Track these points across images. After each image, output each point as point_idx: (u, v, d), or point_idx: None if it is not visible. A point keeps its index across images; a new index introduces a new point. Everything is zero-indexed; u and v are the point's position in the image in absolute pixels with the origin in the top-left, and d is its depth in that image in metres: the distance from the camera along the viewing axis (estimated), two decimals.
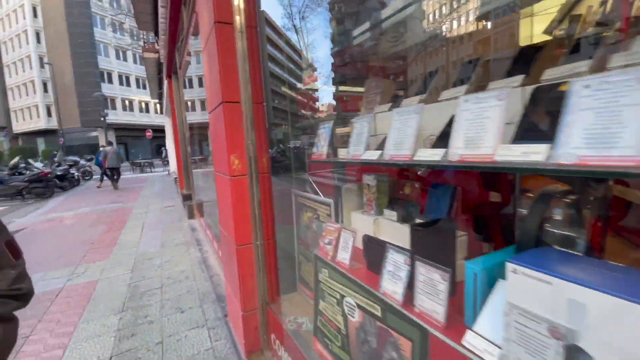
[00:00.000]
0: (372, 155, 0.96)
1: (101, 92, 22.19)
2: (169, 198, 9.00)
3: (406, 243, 1.07)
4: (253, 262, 1.80)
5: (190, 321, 2.54)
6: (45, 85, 34.28)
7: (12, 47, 35.77)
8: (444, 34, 1.68)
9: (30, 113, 35.63)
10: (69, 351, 2.25)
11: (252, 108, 1.67)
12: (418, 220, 1.08)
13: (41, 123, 34.87)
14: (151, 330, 2.46)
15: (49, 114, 34.65)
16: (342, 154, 1.19)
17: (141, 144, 37.35)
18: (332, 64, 2.79)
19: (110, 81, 35.63)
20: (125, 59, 37.24)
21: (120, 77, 36.76)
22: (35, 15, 34.33)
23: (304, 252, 1.83)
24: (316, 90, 3.52)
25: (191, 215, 5.97)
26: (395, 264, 0.93)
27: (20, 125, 36.66)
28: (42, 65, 33.63)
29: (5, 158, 31.91)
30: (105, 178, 12.41)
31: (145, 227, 5.73)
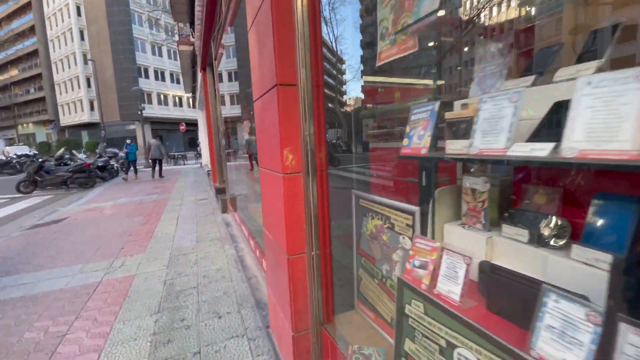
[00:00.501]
0: (536, 150, 0.63)
1: (139, 87, 23.04)
2: (202, 190, 9.05)
3: (550, 278, 0.74)
4: (306, 275, 1.53)
5: (229, 329, 2.34)
6: (88, 80, 36.33)
7: (59, 45, 38.17)
8: None
9: (75, 107, 37.97)
10: (104, 356, 2.12)
11: (311, 92, 1.38)
12: (572, 245, 0.74)
13: (85, 117, 37.07)
14: (188, 336, 2.28)
15: (92, 108, 36.72)
16: (455, 147, 0.86)
17: (175, 137, 38.70)
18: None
19: (146, 76, 37.07)
20: (160, 55, 38.55)
21: (156, 72, 38.15)
22: (79, 14, 36.33)
23: (366, 266, 1.53)
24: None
25: (225, 209, 5.88)
26: (566, 320, 0.61)
27: (66, 118, 39.21)
28: (85, 62, 35.63)
29: (54, 149, 34.37)
30: (125, 169, 13.15)
31: (180, 220, 5.70)
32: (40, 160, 10.72)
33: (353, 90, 3.43)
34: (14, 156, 19.13)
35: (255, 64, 1.70)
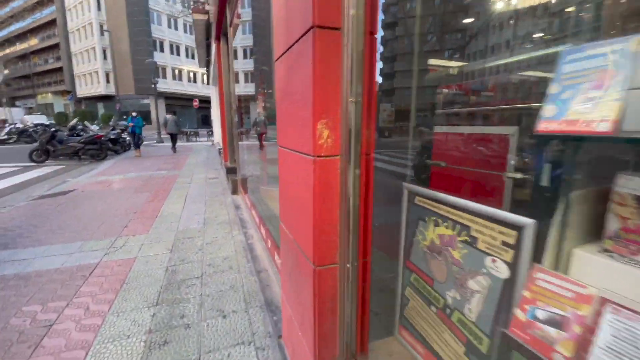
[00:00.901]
0: None
1: (153, 60, 22.65)
2: (213, 169, 8.77)
3: None
4: (337, 291, 1.16)
5: (235, 332, 2.03)
6: (104, 52, 36.11)
7: (76, 15, 37.86)
8: None
9: (92, 79, 38.03)
10: (91, 356, 1.84)
11: (362, 41, 0.96)
12: None
13: (100, 89, 37.13)
14: (187, 338, 1.98)
15: (108, 81, 36.70)
16: None
17: (188, 113, 38.56)
18: None
19: (162, 50, 36.61)
20: (176, 28, 37.88)
21: (171, 46, 37.62)
22: None
23: (417, 286, 1.15)
24: None
25: (235, 191, 5.56)
26: None
27: (83, 90, 39.39)
28: (102, 33, 35.29)
29: (70, 120, 34.76)
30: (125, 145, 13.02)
31: (188, 199, 5.43)
32: (52, 129, 10.59)
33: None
34: (31, 125, 19.26)
35: (280, 0, 1.27)
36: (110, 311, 2.27)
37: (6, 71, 29.83)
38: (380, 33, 1.91)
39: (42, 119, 25.93)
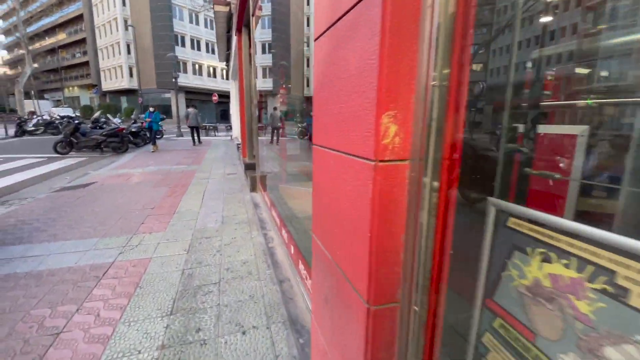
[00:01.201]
0: None
1: (174, 54, 22.85)
2: (231, 164, 8.65)
3: None
4: (395, 339, 0.89)
5: (255, 353, 1.80)
6: (128, 47, 36.92)
7: (102, 10, 38.83)
8: None
9: (116, 73, 39.02)
10: None
11: (456, 2, 0.68)
12: None
13: (124, 83, 38.05)
14: (203, 358, 1.76)
15: (131, 75, 37.56)
16: None
17: (208, 108, 39.02)
18: None
19: (183, 44, 37.07)
20: (197, 22, 38.24)
21: (192, 40, 38.03)
22: None
23: (504, 334, 0.86)
24: None
25: (254, 188, 5.36)
26: None
27: (107, 84, 40.51)
28: (126, 28, 36.04)
29: (95, 113, 35.85)
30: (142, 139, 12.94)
31: (206, 195, 5.27)
32: (76, 122, 10.77)
33: None
34: (57, 117, 19.86)
35: None
36: (122, 320, 2.08)
37: (35, 65, 30.97)
38: None
39: (68, 112, 26.81)
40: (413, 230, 0.81)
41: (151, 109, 11.73)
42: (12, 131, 17.60)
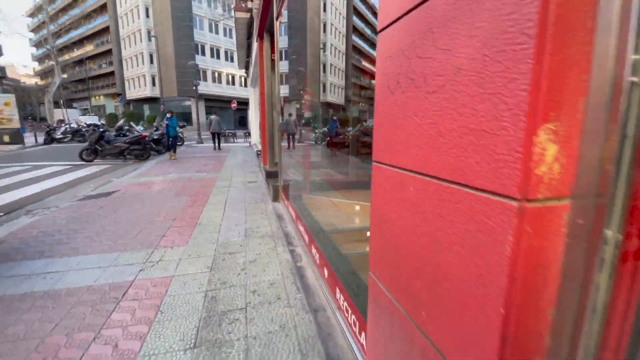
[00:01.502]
0: None
1: (194, 62, 23.33)
2: (251, 172, 8.51)
3: None
4: None
5: None
6: (151, 56, 38.15)
7: (127, 22, 40.38)
8: None
9: (139, 82, 40.35)
10: None
11: None
12: None
13: (147, 91, 39.26)
14: None
15: (153, 83, 38.72)
16: None
17: (227, 114, 39.63)
18: None
19: (203, 53, 37.93)
20: (217, 32, 39.10)
21: (211, 49, 38.88)
22: None
23: None
24: None
25: (276, 198, 5.15)
26: None
27: (131, 92, 41.93)
28: (149, 39, 37.30)
29: (119, 121, 37.12)
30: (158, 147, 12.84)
31: (227, 206, 5.10)
32: (101, 130, 10.98)
33: None
34: (84, 125, 20.55)
35: None
36: (141, 353, 1.87)
37: (64, 75, 32.44)
38: None
39: (94, 120, 27.82)
40: (575, 307, 0.52)
41: (168, 115, 11.00)
42: (41, 139, 18.33)
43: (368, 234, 1.10)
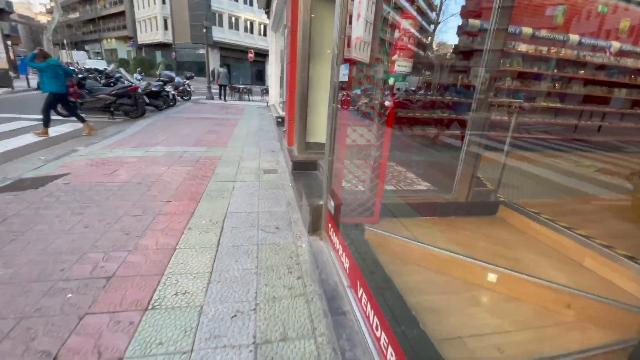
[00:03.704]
0: None
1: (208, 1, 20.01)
2: (269, 150, 6.12)
3: None
4: None
5: None
6: None
7: None
8: None
9: (151, 24, 36.87)
10: None
11: None
12: None
13: (159, 36, 35.93)
14: None
15: (166, 27, 35.25)
16: None
17: (243, 67, 36.32)
18: None
19: None
20: None
21: None
22: None
23: None
24: None
25: (316, 227, 2.79)
26: None
27: (143, 36, 38.65)
28: None
29: (131, 67, 34.36)
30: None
31: (223, 238, 2.83)
32: (80, 76, 8.61)
33: None
34: (83, 69, 18.15)
35: None
36: None
37: (76, 14, 29.38)
38: None
39: (100, 64, 25.27)
40: None
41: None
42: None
43: None
